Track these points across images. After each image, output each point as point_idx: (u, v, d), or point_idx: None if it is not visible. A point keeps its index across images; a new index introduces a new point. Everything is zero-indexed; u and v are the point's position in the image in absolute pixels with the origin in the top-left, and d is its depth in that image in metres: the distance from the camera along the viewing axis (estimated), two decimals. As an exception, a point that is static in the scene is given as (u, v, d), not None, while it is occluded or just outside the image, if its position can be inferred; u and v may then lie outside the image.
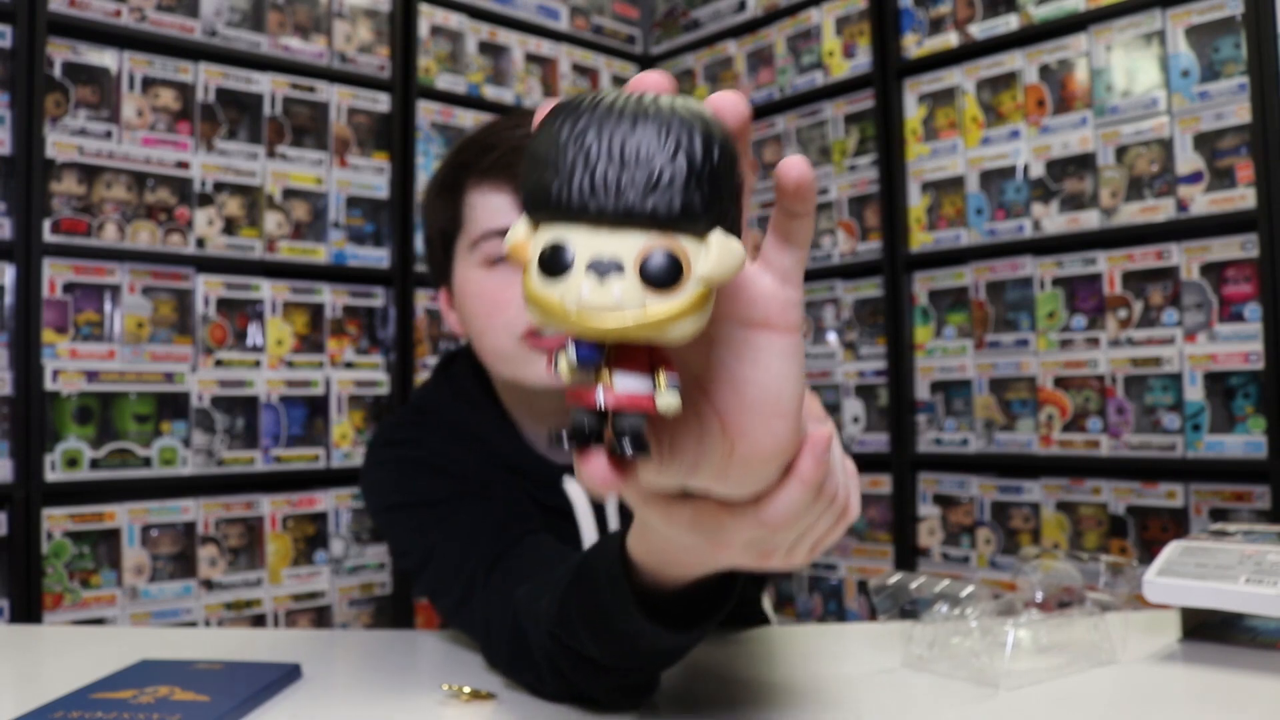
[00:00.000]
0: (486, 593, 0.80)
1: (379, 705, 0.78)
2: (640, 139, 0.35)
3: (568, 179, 0.35)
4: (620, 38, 2.92)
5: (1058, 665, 0.80)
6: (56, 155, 1.91)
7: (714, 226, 0.36)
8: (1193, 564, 0.85)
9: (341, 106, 2.31)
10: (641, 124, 0.35)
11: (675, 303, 0.35)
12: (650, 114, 0.35)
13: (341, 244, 2.30)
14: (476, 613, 0.81)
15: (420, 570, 0.89)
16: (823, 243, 2.54)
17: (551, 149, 0.35)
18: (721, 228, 0.36)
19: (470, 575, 0.82)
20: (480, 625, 0.80)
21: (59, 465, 1.88)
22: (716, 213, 0.36)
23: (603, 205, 0.34)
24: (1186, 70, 1.94)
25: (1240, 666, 0.80)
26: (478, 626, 0.81)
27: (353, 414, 2.29)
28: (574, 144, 0.35)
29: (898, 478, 2.36)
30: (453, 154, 0.94)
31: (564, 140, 0.35)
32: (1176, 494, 1.94)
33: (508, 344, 0.87)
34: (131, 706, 0.71)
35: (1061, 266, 2.11)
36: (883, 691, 0.78)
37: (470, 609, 0.82)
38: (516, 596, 0.75)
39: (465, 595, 0.83)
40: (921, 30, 2.36)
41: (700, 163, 0.35)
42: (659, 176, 0.34)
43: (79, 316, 1.95)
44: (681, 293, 0.35)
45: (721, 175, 0.35)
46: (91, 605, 1.90)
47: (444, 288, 0.99)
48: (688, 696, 0.78)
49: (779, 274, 0.43)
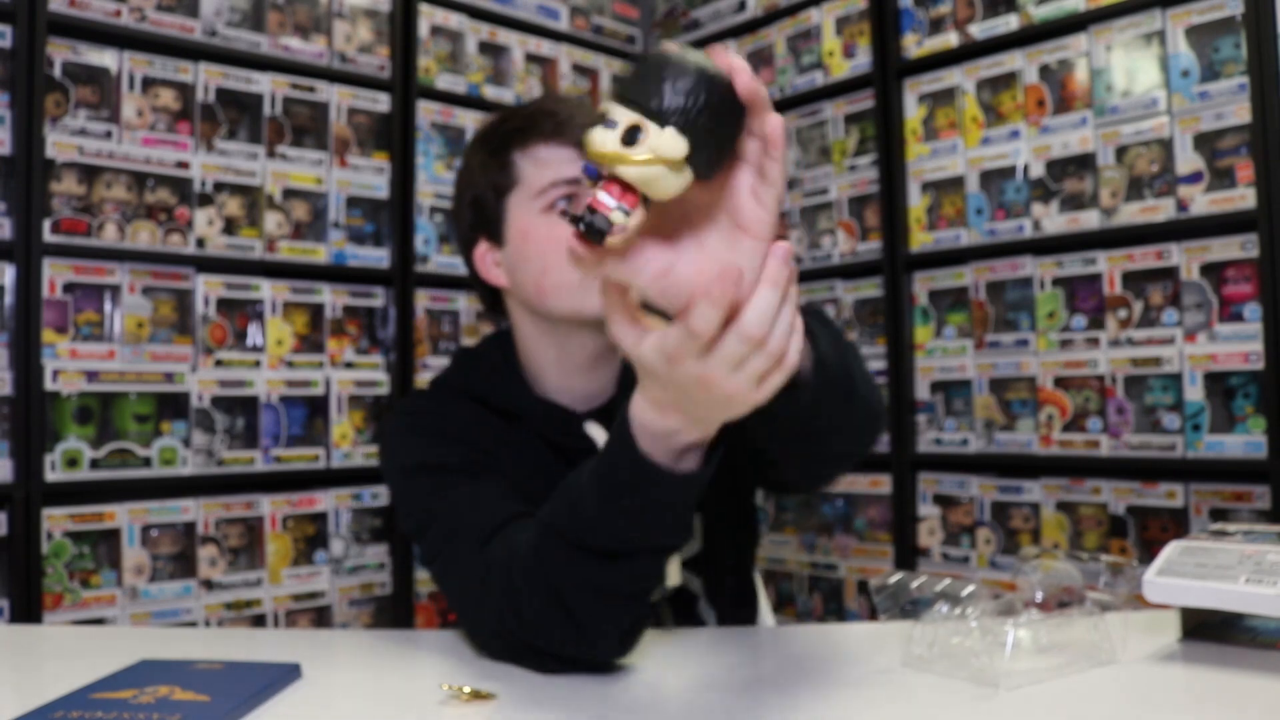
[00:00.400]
0: (485, 554, 0.85)
1: (379, 705, 0.78)
2: (671, 71, 0.57)
3: (629, 84, 0.58)
4: (620, 38, 2.92)
5: (1057, 665, 0.80)
6: (56, 155, 1.91)
7: (674, 127, 0.57)
8: (1193, 564, 0.85)
9: (341, 106, 2.31)
10: (677, 66, 0.58)
11: (631, 152, 0.57)
12: (686, 63, 0.58)
13: (341, 244, 2.30)
14: (471, 572, 0.85)
15: (422, 531, 0.94)
16: (822, 243, 2.54)
17: (636, 70, 0.59)
18: (683, 134, 0.57)
19: (470, 540, 0.87)
20: (475, 582, 0.85)
21: (59, 465, 1.88)
22: (680, 122, 0.57)
23: (627, 95, 0.58)
24: (1186, 70, 1.94)
25: (1240, 666, 0.80)
26: (471, 584, 0.85)
27: (353, 414, 2.29)
28: (646, 65, 0.59)
29: (898, 478, 2.35)
30: (498, 123, 1.04)
31: (644, 67, 0.59)
32: (1176, 494, 1.94)
33: (571, 276, 0.95)
34: (131, 706, 0.71)
35: (1061, 266, 2.11)
36: (883, 691, 0.78)
37: (465, 568, 0.87)
38: (514, 545, 0.81)
39: (462, 556, 0.87)
40: (921, 30, 2.36)
41: (686, 95, 0.57)
42: (662, 91, 0.57)
43: (79, 316, 1.95)
44: (637, 151, 0.57)
45: (701, 108, 0.57)
46: (91, 605, 1.90)
47: (485, 241, 1.06)
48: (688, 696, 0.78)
49: (757, 199, 0.62)
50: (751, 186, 0.62)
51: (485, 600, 0.83)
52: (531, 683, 0.82)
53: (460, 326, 2.50)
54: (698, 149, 0.58)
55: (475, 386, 1.04)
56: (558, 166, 0.98)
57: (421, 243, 2.42)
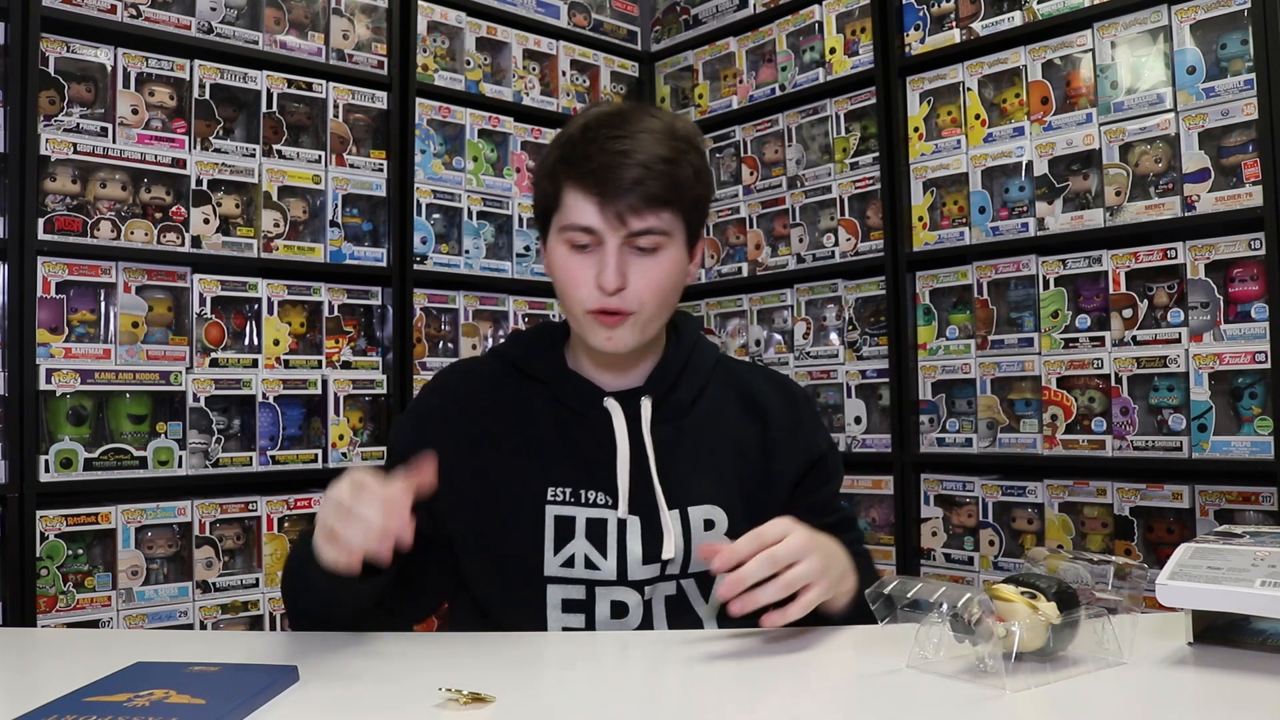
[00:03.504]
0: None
1: (376, 708, 0.77)
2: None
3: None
4: (620, 34, 2.91)
5: (1065, 667, 0.79)
6: (50, 153, 1.89)
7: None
8: (1205, 566, 0.83)
9: (339, 104, 2.30)
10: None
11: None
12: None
13: (339, 243, 2.28)
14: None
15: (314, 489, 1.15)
16: (825, 242, 2.53)
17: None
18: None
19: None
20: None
21: (53, 466, 1.87)
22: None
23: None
24: (1192, 67, 1.93)
25: (1250, 670, 0.79)
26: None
27: (350, 414, 2.27)
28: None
29: (900, 478, 2.34)
30: (557, 144, 1.07)
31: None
32: (1182, 495, 1.93)
33: (578, 312, 1.05)
34: (126, 710, 0.70)
35: (1065, 265, 2.09)
36: (889, 693, 0.77)
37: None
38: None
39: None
40: (924, 27, 2.35)
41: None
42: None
43: (73, 316, 1.93)
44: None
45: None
46: (86, 607, 1.89)
47: (543, 236, 1.14)
48: (689, 697, 0.77)
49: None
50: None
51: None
52: (530, 687, 0.81)
53: (459, 326, 2.48)
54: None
55: (514, 355, 1.14)
56: (576, 212, 1.02)
57: (420, 241, 2.40)
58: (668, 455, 1.08)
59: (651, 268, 1.02)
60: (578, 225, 1.02)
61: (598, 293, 1.01)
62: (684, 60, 2.89)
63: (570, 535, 1.05)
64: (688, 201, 1.03)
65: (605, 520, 1.05)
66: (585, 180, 1.00)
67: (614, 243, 1.00)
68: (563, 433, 1.09)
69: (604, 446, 1.07)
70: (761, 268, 2.66)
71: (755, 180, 2.69)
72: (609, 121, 1.03)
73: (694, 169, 1.04)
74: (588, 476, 1.07)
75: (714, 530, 1.07)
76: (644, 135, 1.00)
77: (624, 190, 0.98)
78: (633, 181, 0.98)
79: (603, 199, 0.99)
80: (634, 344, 1.05)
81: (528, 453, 1.08)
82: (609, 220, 0.99)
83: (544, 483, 1.07)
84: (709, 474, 1.09)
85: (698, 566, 1.06)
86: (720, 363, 1.17)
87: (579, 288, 1.02)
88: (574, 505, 1.06)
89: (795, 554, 0.86)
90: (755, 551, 0.85)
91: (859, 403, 2.44)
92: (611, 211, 0.99)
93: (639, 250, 1.01)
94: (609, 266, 1.00)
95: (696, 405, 1.12)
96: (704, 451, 1.10)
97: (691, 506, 1.07)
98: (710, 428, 1.11)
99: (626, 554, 1.04)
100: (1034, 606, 0.77)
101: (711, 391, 1.14)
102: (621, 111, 1.04)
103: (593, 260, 1.01)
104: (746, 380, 1.17)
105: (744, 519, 1.06)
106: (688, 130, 1.06)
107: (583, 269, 1.02)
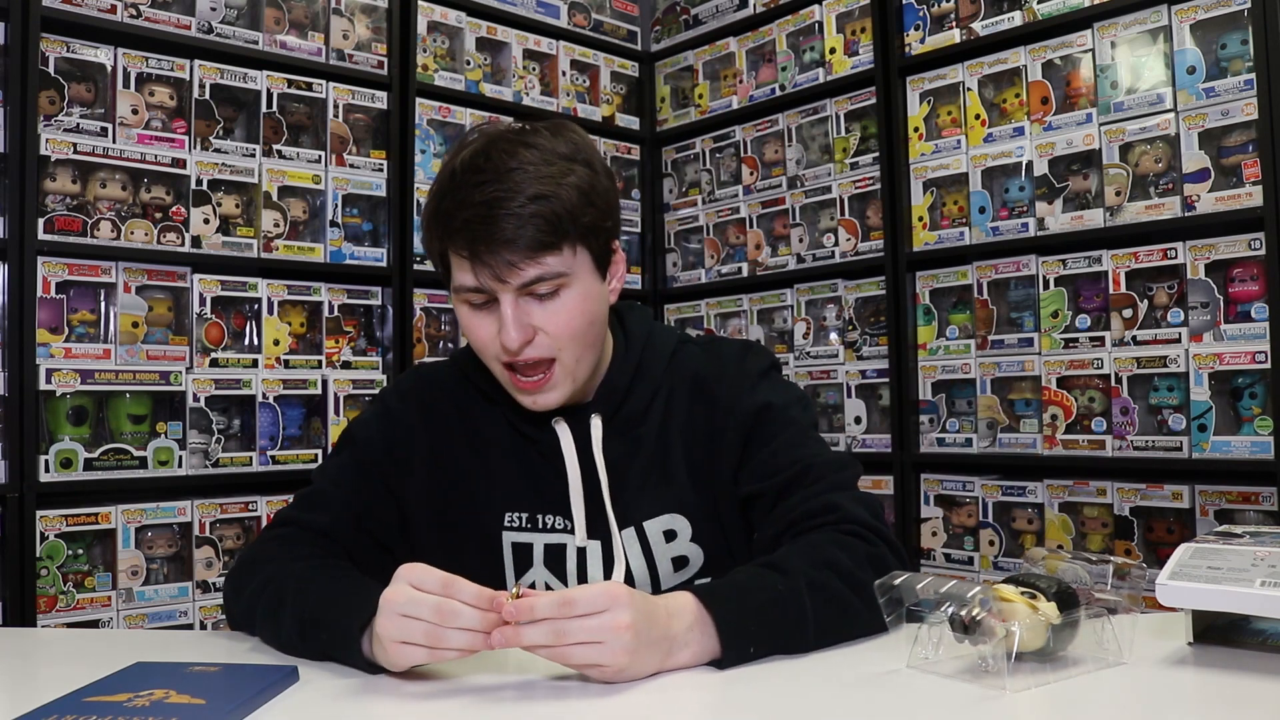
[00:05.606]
0: (273, 529, 1.05)
1: (376, 707, 0.77)
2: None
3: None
4: (620, 34, 2.91)
5: (1065, 667, 0.79)
6: (50, 153, 1.89)
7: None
8: (1205, 567, 0.83)
9: (339, 104, 2.30)
10: None
11: None
12: None
13: (339, 243, 2.28)
14: (266, 531, 1.06)
15: (304, 486, 1.09)
16: (825, 242, 2.53)
17: None
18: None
19: (290, 509, 1.06)
20: (259, 545, 1.03)
21: (53, 466, 1.87)
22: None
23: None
24: (1192, 67, 1.93)
25: (1250, 670, 0.78)
26: (257, 546, 1.04)
27: (350, 414, 2.27)
28: None
29: (900, 478, 2.34)
30: (431, 193, 0.98)
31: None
32: (1182, 495, 1.93)
33: (497, 370, 1.00)
34: (126, 710, 0.70)
35: (1065, 265, 2.09)
36: (889, 693, 0.77)
37: (270, 525, 1.07)
38: (274, 549, 1.00)
39: (277, 516, 1.06)
40: (924, 27, 2.35)
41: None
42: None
43: (73, 316, 1.93)
44: None
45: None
46: (86, 608, 1.89)
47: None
48: (689, 697, 0.77)
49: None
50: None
51: (243, 553, 1.05)
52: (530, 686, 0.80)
53: (459, 326, 2.48)
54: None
55: (467, 367, 1.09)
56: (460, 273, 0.95)
57: (420, 242, 2.40)
58: (620, 473, 1.03)
59: (557, 311, 0.94)
60: (466, 287, 0.94)
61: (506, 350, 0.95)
62: (684, 60, 2.89)
63: (529, 563, 1.02)
64: (579, 232, 0.93)
65: (564, 546, 1.02)
66: (456, 241, 0.93)
67: (508, 298, 0.92)
68: (517, 456, 1.05)
69: (558, 470, 1.03)
70: (761, 268, 2.66)
71: (755, 180, 2.69)
72: (474, 165, 0.93)
73: (581, 190, 0.93)
74: (543, 501, 1.03)
75: (676, 540, 1.03)
76: (515, 173, 0.91)
77: (497, 247, 0.90)
78: (506, 238, 0.89)
79: (477, 261, 0.91)
80: (568, 392, 0.99)
81: (486, 476, 1.05)
82: (491, 280, 0.92)
83: (501, 508, 1.04)
84: (665, 483, 1.04)
85: (669, 582, 1.03)
86: (677, 352, 1.09)
87: (488, 346, 0.96)
88: (531, 531, 1.03)
89: (590, 634, 0.76)
90: (549, 616, 0.76)
91: (859, 403, 2.44)
92: (489, 274, 0.91)
93: (538, 297, 0.93)
94: (506, 325, 0.92)
95: (651, 411, 1.06)
96: (658, 459, 1.05)
97: (647, 521, 1.03)
98: (666, 431, 1.05)
99: (588, 581, 1.00)
100: (1034, 606, 0.77)
101: (665, 389, 1.07)
102: (491, 148, 0.93)
103: (494, 316, 0.94)
104: (699, 364, 1.08)
105: (708, 517, 1.04)
106: (573, 145, 0.96)
107: (485, 327, 0.95)
